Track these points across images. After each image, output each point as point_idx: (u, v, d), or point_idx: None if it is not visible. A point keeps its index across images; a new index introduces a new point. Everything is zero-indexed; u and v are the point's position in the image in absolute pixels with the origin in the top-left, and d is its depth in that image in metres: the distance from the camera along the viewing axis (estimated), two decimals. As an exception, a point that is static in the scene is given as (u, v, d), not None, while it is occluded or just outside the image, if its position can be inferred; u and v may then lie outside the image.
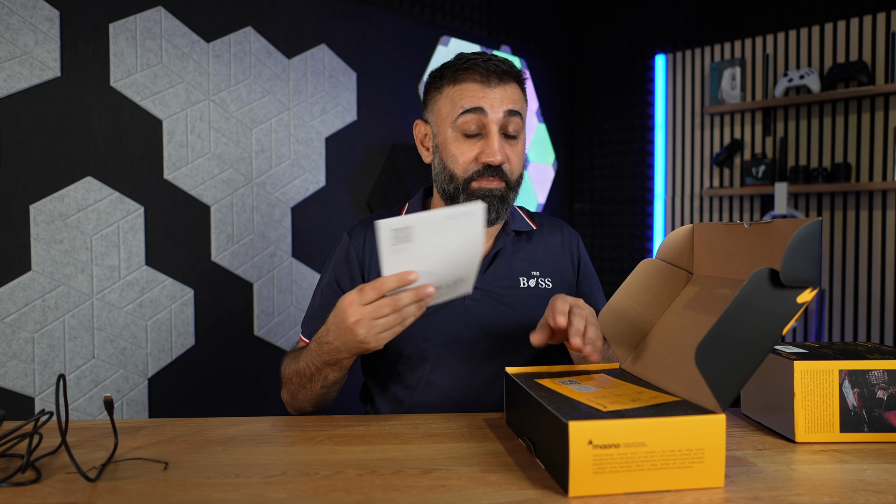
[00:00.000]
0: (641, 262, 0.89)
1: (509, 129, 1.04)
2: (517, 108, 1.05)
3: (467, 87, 1.04)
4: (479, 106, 1.02)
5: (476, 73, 1.04)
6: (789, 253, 0.64)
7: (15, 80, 1.55)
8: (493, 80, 1.03)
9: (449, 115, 1.05)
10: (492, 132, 1.03)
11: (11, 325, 1.55)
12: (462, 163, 1.05)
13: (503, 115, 1.03)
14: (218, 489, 0.64)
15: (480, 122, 1.03)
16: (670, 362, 0.77)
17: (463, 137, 1.05)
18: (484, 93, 1.03)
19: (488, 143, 1.03)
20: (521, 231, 1.16)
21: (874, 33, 2.71)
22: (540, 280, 1.12)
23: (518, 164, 1.08)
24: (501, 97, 1.03)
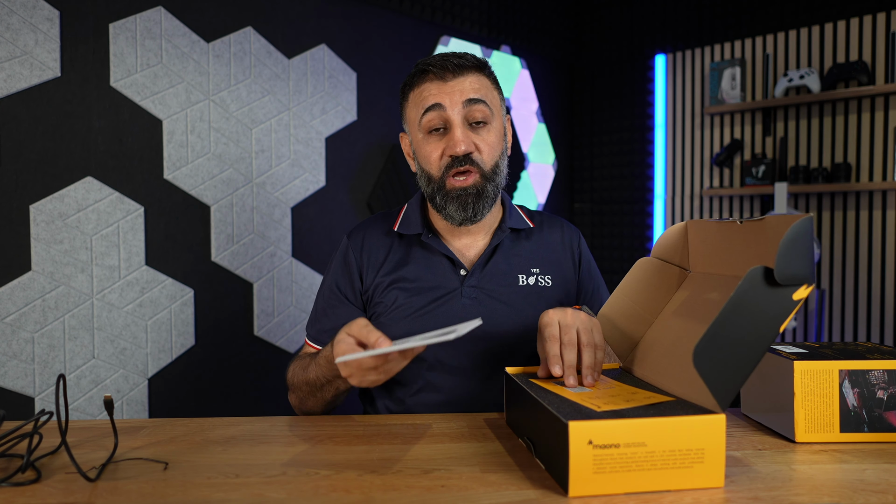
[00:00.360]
0: (638, 262, 0.89)
1: (475, 116, 1.04)
2: (478, 96, 1.04)
3: (425, 87, 1.05)
4: (437, 101, 1.03)
5: (430, 72, 1.05)
6: (783, 251, 0.64)
7: (15, 80, 1.55)
8: (448, 75, 1.04)
9: (415, 118, 1.07)
10: (454, 123, 1.03)
11: (11, 325, 1.55)
12: (433, 161, 1.06)
13: (463, 105, 1.03)
14: (218, 489, 0.64)
15: (442, 118, 1.04)
16: (669, 362, 0.77)
17: (429, 136, 1.06)
18: (440, 88, 1.04)
19: (451, 136, 1.03)
20: (519, 229, 1.15)
21: (874, 33, 2.71)
22: (540, 277, 1.12)
23: (491, 152, 1.06)
24: (460, 89, 1.04)
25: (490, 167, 1.06)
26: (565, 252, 1.17)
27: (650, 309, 0.88)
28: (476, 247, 1.13)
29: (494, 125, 1.07)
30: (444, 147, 1.04)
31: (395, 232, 1.14)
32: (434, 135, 1.06)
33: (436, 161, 1.05)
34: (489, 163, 1.06)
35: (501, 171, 1.09)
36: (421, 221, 1.13)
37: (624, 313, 0.88)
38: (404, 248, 1.13)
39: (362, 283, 1.13)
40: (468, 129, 1.04)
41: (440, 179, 1.05)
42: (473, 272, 1.09)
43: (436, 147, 1.05)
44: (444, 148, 1.04)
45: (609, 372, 0.87)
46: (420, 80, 1.06)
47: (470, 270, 1.10)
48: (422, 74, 1.06)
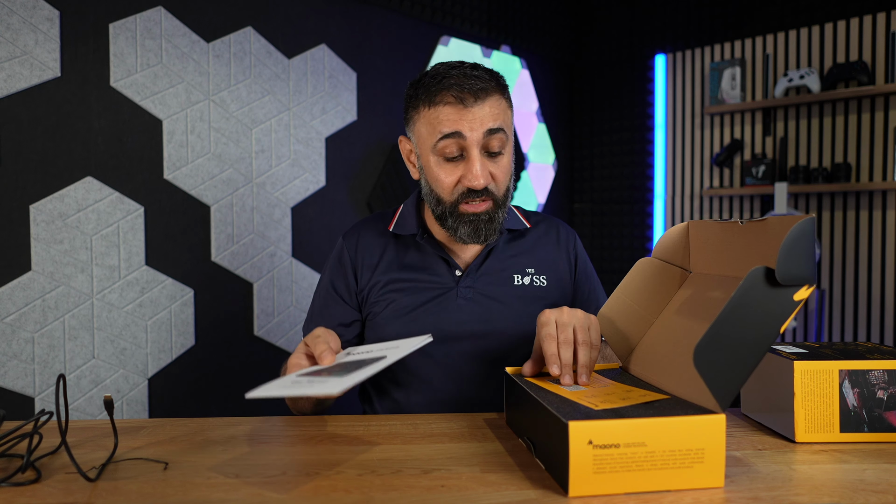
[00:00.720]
0: (638, 262, 0.89)
1: (493, 147, 1.01)
2: (498, 125, 1.00)
3: (442, 110, 0.99)
4: (457, 130, 0.99)
5: (449, 94, 0.99)
6: (784, 251, 0.64)
7: (15, 80, 1.55)
8: (469, 99, 0.98)
9: (428, 140, 1.02)
10: (472, 156, 0.99)
11: (11, 325, 1.55)
12: (446, 187, 1.03)
13: (483, 135, 0.99)
14: (218, 489, 0.64)
15: (460, 146, 1.00)
16: (670, 362, 0.77)
17: (444, 161, 1.02)
18: (460, 115, 0.98)
19: (469, 168, 1.00)
20: (515, 230, 1.15)
21: (874, 33, 2.71)
22: (535, 278, 1.12)
23: (504, 180, 1.05)
24: (480, 117, 0.99)
25: (503, 193, 1.05)
26: (561, 253, 1.17)
27: (651, 309, 0.88)
28: (472, 248, 1.13)
29: (508, 149, 1.05)
30: (461, 176, 1.01)
31: (391, 232, 1.14)
32: (449, 161, 1.02)
33: (449, 187, 1.03)
34: (502, 189, 1.05)
35: (510, 193, 1.09)
36: (416, 222, 1.13)
37: (624, 313, 0.88)
38: (399, 248, 1.13)
39: (357, 284, 1.13)
40: (486, 159, 1.02)
41: (452, 205, 1.04)
42: (469, 272, 1.09)
43: (450, 174, 1.02)
44: (459, 176, 1.02)
45: (608, 372, 0.87)
46: (437, 98, 1.00)
47: (465, 271, 1.10)
48: (439, 93, 1.00)
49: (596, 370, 0.88)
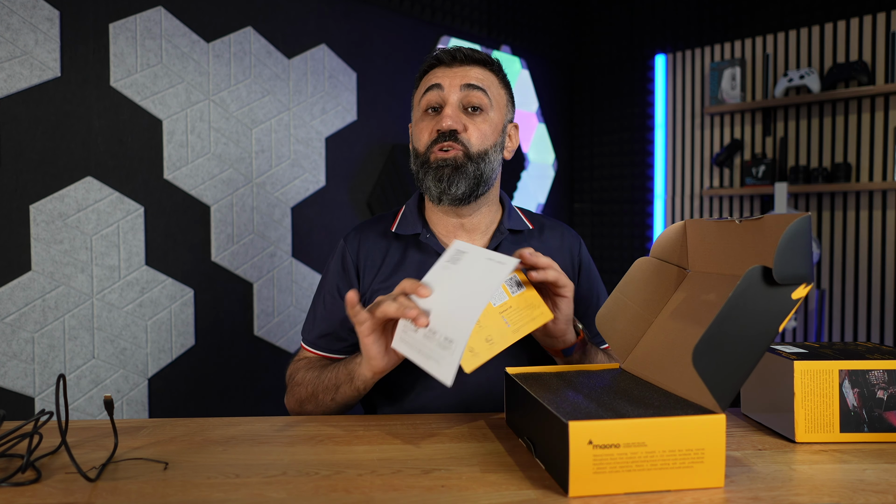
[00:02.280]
0: (636, 261, 0.89)
1: (472, 101, 1.06)
2: (478, 84, 1.06)
3: (433, 72, 1.09)
4: (437, 83, 1.06)
5: (440, 59, 1.09)
6: (781, 250, 0.64)
7: (15, 80, 1.55)
8: (455, 63, 1.08)
9: (417, 100, 1.11)
10: (448, 102, 1.05)
11: (11, 325, 1.55)
12: (424, 139, 1.07)
13: (461, 88, 1.05)
14: (218, 489, 0.64)
15: (440, 97, 1.06)
16: (669, 361, 0.77)
17: (425, 114, 1.08)
18: (444, 72, 1.08)
19: (442, 113, 1.06)
20: (517, 230, 1.15)
21: (874, 33, 2.71)
22: None
23: (480, 137, 1.06)
24: (462, 74, 1.06)
25: (476, 150, 1.05)
26: (564, 257, 1.16)
27: (649, 309, 0.88)
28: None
29: (491, 116, 1.08)
30: (434, 124, 1.06)
31: (393, 233, 1.14)
32: (429, 114, 1.08)
33: (425, 138, 1.07)
34: (476, 146, 1.05)
35: (489, 161, 1.07)
36: (419, 221, 1.13)
37: (623, 313, 0.88)
38: (402, 249, 1.13)
39: (360, 286, 1.13)
40: (461, 112, 1.07)
41: (424, 154, 1.07)
42: None
43: (427, 125, 1.07)
44: (433, 125, 1.06)
45: (608, 372, 0.87)
46: (429, 66, 1.11)
47: None
48: (432, 61, 1.10)
49: (595, 370, 0.88)
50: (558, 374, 0.86)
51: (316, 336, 1.14)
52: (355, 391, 0.95)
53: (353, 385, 0.95)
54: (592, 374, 0.85)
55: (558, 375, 0.85)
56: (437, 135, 1.05)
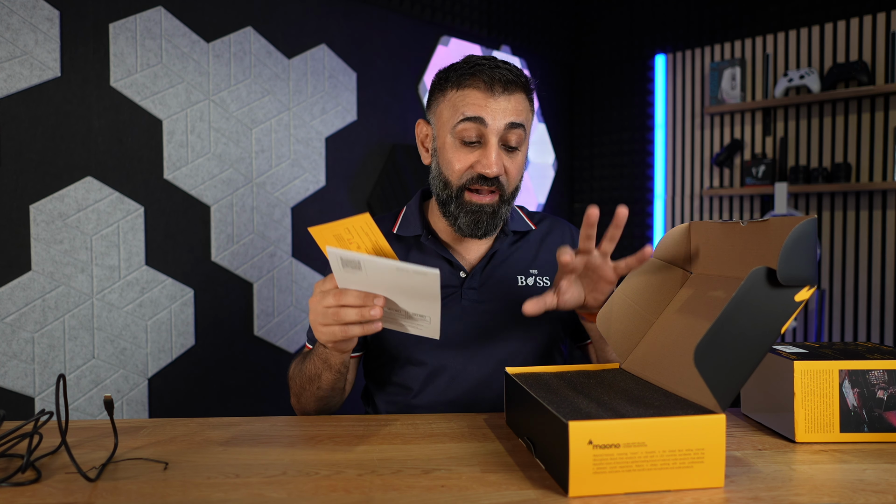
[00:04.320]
0: None
1: (511, 141, 1.01)
2: (520, 121, 1.01)
3: (470, 93, 1.01)
4: (480, 116, 0.99)
5: (480, 79, 1.00)
6: (786, 252, 0.64)
7: (15, 80, 1.55)
8: (498, 88, 1.00)
9: (449, 121, 1.03)
10: (490, 143, 1.00)
11: (11, 325, 1.55)
12: (457, 170, 1.03)
13: (504, 126, 1.00)
14: (218, 489, 0.64)
15: (480, 132, 1.00)
16: (670, 361, 0.77)
17: (461, 144, 1.02)
18: (486, 102, 1.00)
19: (486, 154, 1.00)
20: (519, 231, 1.15)
21: (874, 33, 2.71)
22: (539, 279, 1.11)
23: (516, 177, 1.05)
24: (504, 108, 1.00)
25: (511, 190, 1.05)
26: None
27: (651, 309, 0.88)
28: (476, 250, 1.13)
29: (524, 148, 1.06)
30: (475, 162, 1.01)
31: (394, 235, 1.14)
32: (466, 146, 1.02)
33: (460, 171, 1.03)
34: (512, 186, 1.05)
35: (517, 192, 1.08)
36: (420, 223, 1.12)
37: (625, 313, 0.88)
38: (402, 250, 1.13)
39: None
40: (502, 151, 1.02)
41: (458, 189, 1.03)
42: (473, 274, 1.09)
43: (464, 158, 1.02)
44: (473, 162, 1.02)
45: (608, 372, 0.87)
46: (467, 82, 1.01)
47: (469, 273, 1.10)
48: (470, 77, 1.01)
49: (595, 370, 0.88)
50: (558, 374, 0.86)
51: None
52: (336, 373, 0.97)
53: (331, 368, 0.95)
54: (592, 374, 0.85)
55: (558, 375, 0.85)
56: (475, 174, 1.01)
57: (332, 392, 1.01)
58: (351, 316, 0.79)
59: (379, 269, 0.75)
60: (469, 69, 1.02)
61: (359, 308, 0.79)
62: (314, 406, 1.04)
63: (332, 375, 0.97)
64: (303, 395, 1.04)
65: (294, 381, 1.06)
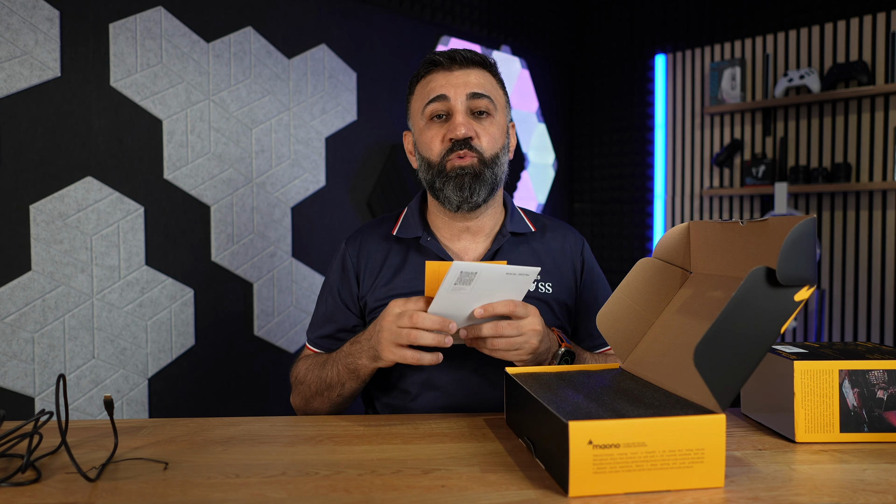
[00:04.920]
0: (639, 262, 0.89)
1: (478, 107, 1.06)
2: (482, 91, 1.07)
3: (432, 77, 1.08)
4: (442, 93, 1.06)
5: (438, 65, 1.08)
6: (785, 252, 0.64)
7: (15, 80, 1.55)
8: (455, 66, 1.07)
9: (419, 108, 1.10)
10: (457, 111, 1.06)
11: (11, 325, 1.55)
12: (434, 147, 1.07)
13: (467, 97, 1.06)
14: (218, 489, 0.64)
15: (446, 107, 1.06)
16: (670, 361, 0.77)
17: (432, 122, 1.08)
18: (446, 79, 1.07)
19: (453, 121, 1.05)
20: (520, 233, 1.15)
21: (874, 33, 2.71)
22: (540, 284, 1.11)
23: (491, 141, 1.07)
24: (464, 81, 1.06)
25: (489, 155, 1.07)
26: (566, 259, 1.16)
27: (651, 309, 0.88)
28: (476, 250, 1.12)
29: (497, 119, 1.09)
30: (445, 132, 1.06)
31: (394, 236, 1.14)
32: (436, 122, 1.07)
33: (437, 147, 1.07)
34: (489, 151, 1.07)
35: (501, 164, 1.09)
36: (420, 224, 1.12)
37: (624, 313, 0.88)
38: (402, 252, 1.13)
39: (359, 289, 1.13)
40: (470, 118, 1.06)
41: (439, 164, 1.06)
42: None
43: (437, 133, 1.07)
44: (444, 133, 1.06)
45: (608, 372, 0.87)
46: (426, 71, 1.10)
47: None
48: (428, 66, 1.09)
49: (596, 370, 0.88)
50: (558, 374, 0.86)
51: (317, 336, 1.15)
52: (361, 383, 1.00)
53: (358, 378, 0.99)
54: (592, 374, 0.85)
55: (558, 375, 0.85)
56: (450, 143, 1.05)
57: (351, 398, 1.05)
58: (427, 339, 0.84)
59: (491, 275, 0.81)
60: (428, 61, 1.11)
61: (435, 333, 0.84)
62: (328, 409, 1.06)
63: (357, 385, 1.01)
64: (316, 400, 1.05)
65: (306, 385, 1.07)
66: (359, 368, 0.96)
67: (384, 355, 0.88)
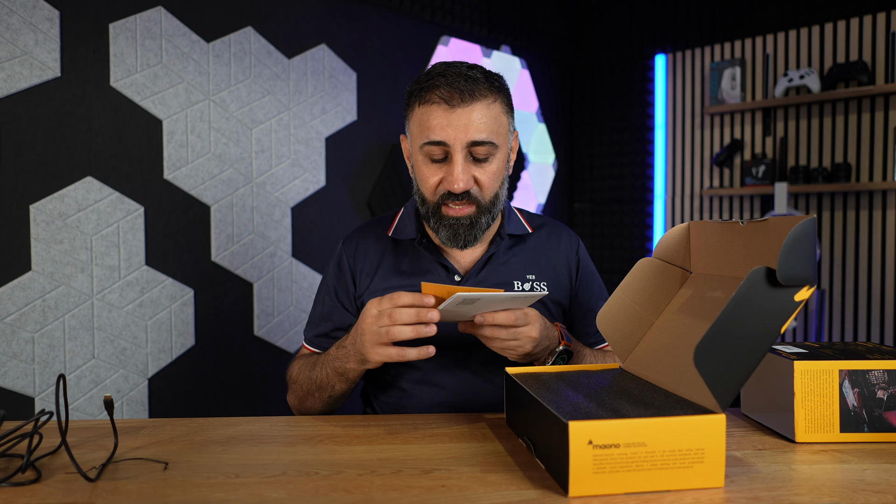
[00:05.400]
0: (639, 262, 0.89)
1: (478, 154, 1.00)
2: (483, 138, 0.98)
3: (431, 111, 0.99)
4: (441, 140, 0.98)
5: (438, 94, 0.98)
6: (785, 252, 0.64)
7: (15, 80, 1.55)
8: (456, 101, 0.97)
9: (417, 140, 1.02)
10: (455, 160, 0.99)
11: (11, 325, 1.55)
12: (429, 187, 1.02)
13: (467, 144, 0.98)
14: (218, 489, 0.64)
15: (444, 150, 0.99)
16: (670, 361, 0.77)
17: (429, 162, 1.02)
18: (447, 119, 0.98)
19: (450, 171, 0.99)
20: (516, 235, 1.14)
21: (874, 33, 2.71)
22: (535, 284, 1.11)
23: (490, 185, 1.02)
24: (466, 124, 0.97)
25: (489, 199, 1.03)
26: (562, 259, 1.16)
27: (651, 309, 0.88)
28: (472, 253, 1.12)
29: (499, 155, 1.03)
30: (443, 176, 1.01)
31: (390, 237, 1.14)
32: (434, 163, 1.02)
33: (432, 187, 1.02)
34: (488, 195, 1.03)
35: (500, 200, 1.06)
36: (416, 226, 1.12)
37: (624, 313, 0.88)
38: (398, 253, 1.12)
39: (356, 289, 1.13)
40: (469, 164, 1.00)
41: (434, 205, 1.03)
42: (468, 278, 1.09)
43: (434, 173, 1.02)
44: (442, 177, 1.01)
45: (608, 372, 0.87)
46: (427, 96, 1.00)
47: (464, 276, 1.09)
48: (429, 91, 0.99)
49: (596, 370, 0.88)
50: (558, 374, 0.86)
51: (313, 335, 1.16)
52: (351, 384, 1.01)
53: (347, 381, 0.99)
54: (592, 374, 0.85)
55: (558, 375, 0.85)
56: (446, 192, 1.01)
57: (342, 397, 1.04)
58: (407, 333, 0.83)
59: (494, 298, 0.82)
60: (429, 81, 1.00)
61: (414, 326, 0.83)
62: (320, 409, 1.06)
63: (346, 386, 1.01)
64: (308, 399, 1.05)
65: (299, 384, 1.07)
66: (347, 372, 0.96)
67: (370, 357, 0.88)
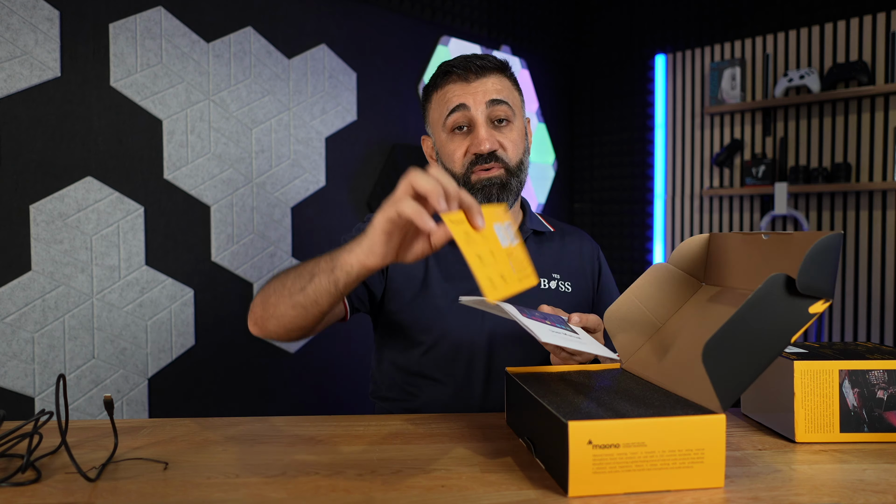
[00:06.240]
0: (653, 266, 0.89)
1: (498, 115, 1.07)
2: (500, 97, 1.07)
3: (449, 88, 1.08)
4: (462, 102, 1.06)
5: (454, 73, 1.08)
6: (807, 262, 0.64)
7: (15, 80, 1.55)
8: (471, 76, 1.07)
9: (439, 119, 1.10)
10: (478, 123, 1.06)
11: (11, 325, 1.55)
12: (457, 158, 1.07)
13: (486, 105, 1.06)
14: (218, 489, 0.64)
15: (466, 117, 1.06)
16: (672, 363, 0.77)
17: (454, 134, 1.08)
18: (464, 90, 1.07)
19: (476, 135, 1.05)
20: (540, 231, 1.16)
21: (874, 33, 2.71)
22: (561, 283, 1.12)
23: (514, 149, 1.08)
24: (483, 90, 1.06)
25: (515, 163, 1.08)
26: (585, 263, 1.18)
27: (659, 314, 0.87)
28: None
29: (517, 124, 1.10)
30: (469, 145, 1.06)
31: None
32: (458, 134, 1.08)
33: (459, 159, 1.07)
34: (514, 159, 1.08)
35: (525, 168, 1.11)
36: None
37: (632, 314, 0.88)
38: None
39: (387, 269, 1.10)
40: (492, 128, 1.07)
41: (464, 175, 1.07)
42: None
43: (460, 145, 1.07)
44: (468, 146, 1.06)
45: (608, 372, 0.87)
46: (443, 81, 1.09)
47: None
48: (445, 76, 1.09)
49: (596, 370, 0.88)
50: (558, 374, 0.86)
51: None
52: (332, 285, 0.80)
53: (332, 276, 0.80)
54: (592, 374, 0.85)
55: (558, 375, 0.85)
56: (473, 157, 1.06)
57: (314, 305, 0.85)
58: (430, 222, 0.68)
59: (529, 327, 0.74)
60: (443, 71, 1.10)
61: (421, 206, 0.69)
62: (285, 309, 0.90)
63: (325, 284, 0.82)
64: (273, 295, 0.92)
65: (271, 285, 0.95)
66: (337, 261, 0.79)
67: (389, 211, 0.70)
